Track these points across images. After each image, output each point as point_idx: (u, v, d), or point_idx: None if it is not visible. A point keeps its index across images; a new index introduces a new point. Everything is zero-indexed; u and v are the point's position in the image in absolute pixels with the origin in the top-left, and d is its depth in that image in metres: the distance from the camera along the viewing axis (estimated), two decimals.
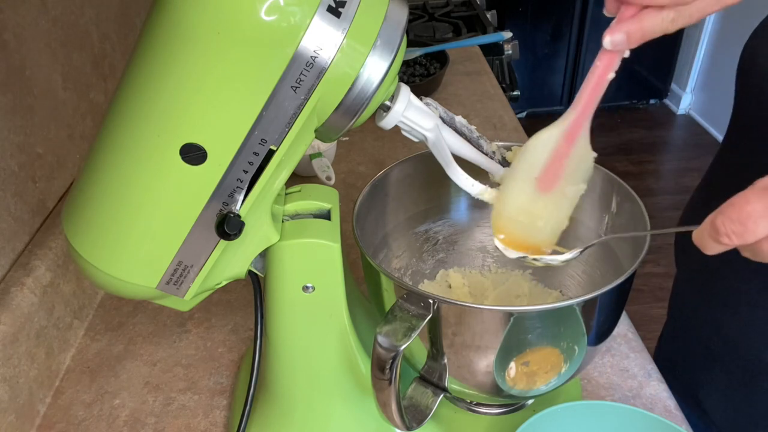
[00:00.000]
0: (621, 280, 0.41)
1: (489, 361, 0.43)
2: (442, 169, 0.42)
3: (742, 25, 2.39)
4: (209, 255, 0.39)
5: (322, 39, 0.32)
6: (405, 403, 0.47)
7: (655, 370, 0.58)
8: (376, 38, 0.33)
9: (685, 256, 0.72)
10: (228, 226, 0.37)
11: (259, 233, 0.40)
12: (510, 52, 1.53)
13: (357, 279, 0.53)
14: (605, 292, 0.40)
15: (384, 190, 0.54)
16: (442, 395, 0.48)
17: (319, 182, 0.84)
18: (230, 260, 0.41)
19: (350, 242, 0.46)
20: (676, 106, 3.01)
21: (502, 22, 2.57)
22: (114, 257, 0.38)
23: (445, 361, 0.44)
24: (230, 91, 0.33)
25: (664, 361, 0.65)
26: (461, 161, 0.43)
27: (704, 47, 2.80)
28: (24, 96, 0.62)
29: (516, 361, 0.43)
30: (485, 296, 0.59)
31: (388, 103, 0.38)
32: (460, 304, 0.40)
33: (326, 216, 0.44)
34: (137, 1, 0.93)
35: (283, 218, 0.43)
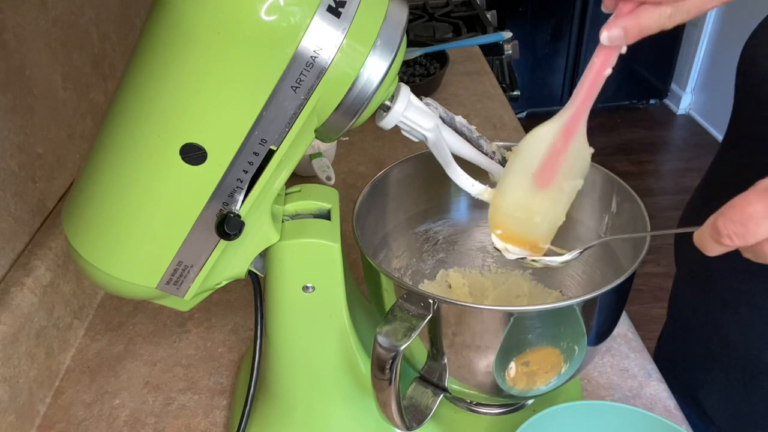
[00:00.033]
0: (621, 280, 0.41)
1: (489, 361, 0.43)
2: (442, 169, 0.42)
3: (742, 25, 2.40)
4: (209, 255, 0.39)
5: (322, 39, 0.32)
6: (405, 403, 0.47)
7: (655, 370, 0.58)
8: (376, 38, 0.33)
9: (685, 256, 0.72)
10: (228, 226, 0.37)
11: (259, 233, 0.40)
12: (510, 52, 1.53)
13: (357, 279, 0.53)
14: (605, 292, 0.40)
15: (384, 190, 0.54)
16: (442, 395, 0.48)
17: (319, 182, 0.84)
18: (230, 260, 0.41)
19: (350, 242, 0.46)
20: (676, 106, 3.01)
21: (502, 22, 2.57)
22: (114, 257, 0.38)
23: (445, 361, 0.44)
24: (230, 91, 0.33)
25: (664, 361, 0.65)
26: (461, 161, 0.43)
27: (704, 47, 2.80)
28: (24, 96, 0.62)
29: (516, 361, 0.43)
30: (485, 296, 0.59)
31: (388, 103, 0.38)
32: (460, 304, 0.40)
33: (326, 216, 0.44)
34: (137, 1, 0.93)
35: (283, 218, 0.43)
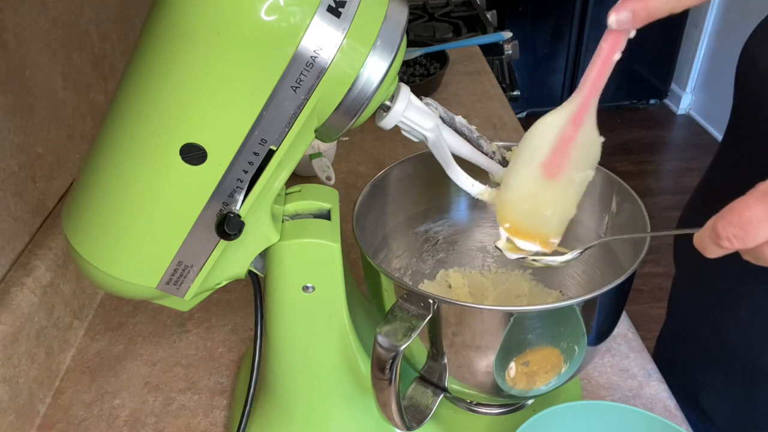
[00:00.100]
0: (621, 280, 0.41)
1: (489, 361, 0.43)
2: (442, 169, 0.42)
3: (742, 25, 2.40)
4: (209, 255, 0.39)
5: (322, 39, 0.32)
6: (405, 403, 0.47)
7: (655, 370, 0.58)
8: (376, 38, 0.33)
9: (684, 256, 0.72)
10: (228, 226, 0.37)
11: (259, 233, 0.40)
12: (510, 52, 1.53)
13: (357, 279, 0.53)
14: (605, 292, 0.40)
15: (384, 190, 0.54)
16: (442, 395, 0.48)
17: (319, 182, 0.84)
18: (230, 260, 0.41)
19: (350, 242, 0.46)
20: (676, 106, 3.01)
21: (502, 22, 2.57)
22: (114, 257, 0.38)
23: (445, 361, 0.44)
24: (230, 91, 0.33)
25: (663, 362, 0.65)
26: (461, 161, 0.43)
27: (704, 47, 2.80)
28: (24, 96, 0.62)
29: (516, 361, 0.43)
30: (485, 296, 0.59)
31: (388, 103, 0.38)
32: (460, 304, 0.40)
33: (326, 216, 0.44)
34: (137, 1, 0.93)
35: (283, 218, 0.43)
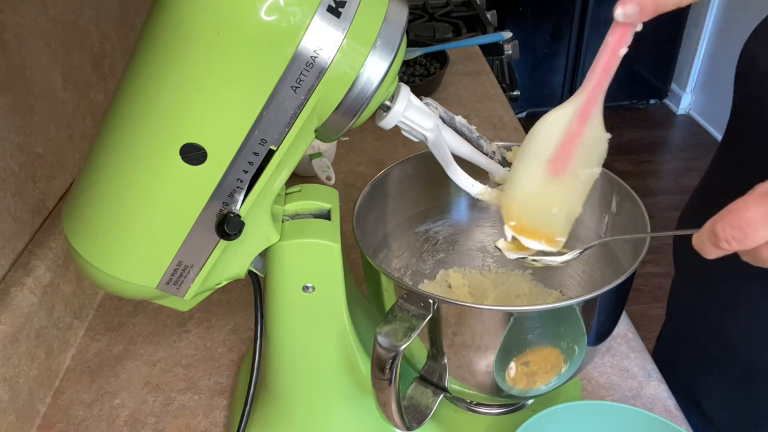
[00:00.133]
0: (621, 280, 0.41)
1: (489, 361, 0.43)
2: (442, 169, 0.42)
3: (742, 25, 2.40)
4: (209, 255, 0.39)
5: (322, 39, 0.32)
6: (405, 403, 0.47)
7: (655, 370, 0.58)
8: (376, 38, 0.33)
9: (684, 257, 0.72)
10: (228, 226, 0.37)
11: (259, 233, 0.40)
12: (510, 52, 1.53)
13: (357, 279, 0.53)
14: (605, 292, 0.40)
15: (384, 190, 0.54)
16: (442, 395, 0.48)
17: (319, 182, 0.84)
18: (230, 260, 0.41)
19: (350, 242, 0.46)
20: (676, 106, 3.01)
21: (502, 22, 2.57)
22: (114, 257, 0.38)
23: (445, 361, 0.44)
24: (230, 91, 0.33)
25: (663, 362, 0.65)
26: (461, 161, 0.43)
27: (704, 47, 2.80)
28: (24, 96, 0.62)
29: (516, 361, 0.43)
30: (485, 296, 0.59)
31: (388, 103, 0.38)
32: (460, 304, 0.40)
33: (326, 216, 0.44)
34: (137, 1, 0.93)
35: (283, 218, 0.43)
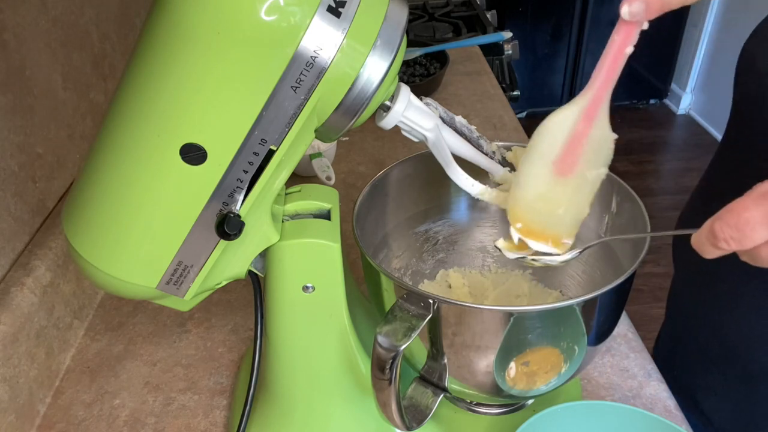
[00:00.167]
0: (621, 280, 0.41)
1: (489, 361, 0.43)
2: (442, 169, 0.42)
3: (742, 25, 2.40)
4: (209, 255, 0.39)
5: (322, 39, 0.32)
6: (405, 403, 0.47)
7: (655, 370, 0.58)
8: (376, 38, 0.33)
9: (684, 257, 0.72)
10: (228, 226, 0.37)
11: (259, 233, 0.40)
12: (510, 52, 1.54)
13: (357, 279, 0.53)
14: (605, 292, 0.40)
15: (384, 190, 0.54)
16: (442, 395, 0.48)
17: (319, 182, 0.84)
18: (230, 260, 0.41)
19: (350, 242, 0.46)
20: (676, 106, 3.01)
21: (502, 22, 2.57)
22: (114, 257, 0.38)
23: (445, 361, 0.44)
24: (230, 91, 0.33)
25: (662, 362, 0.65)
26: (461, 161, 0.43)
27: (704, 47, 2.80)
28: (24, 96, 0.62)
29: (516, 361, 0.43)
30: (485, 296, 0.59)
31: (388, 103, 0.38)
32: (460, 304, 0.40)
33: (326, 216, 0.44)
34: (137, 1, 0.93)
35: (283, 218, 0.43)
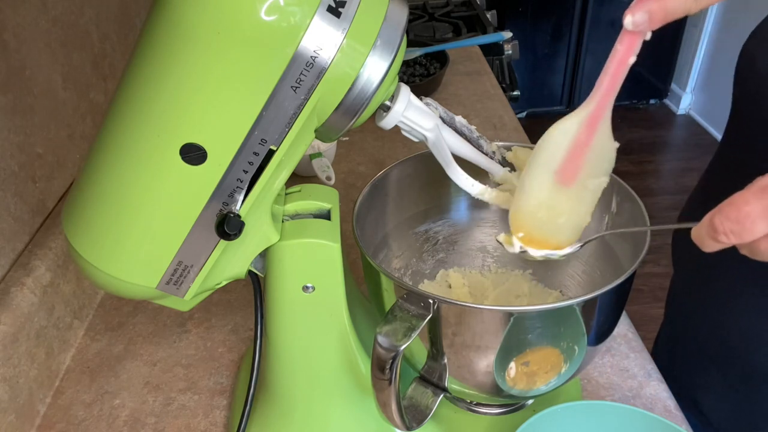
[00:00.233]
0: (621, 280, 0.41)
1: (489, 361, 0.43)
2: (442, 169, 0.42)
3: (742, 25, 2.40)
4: (209, 255, 0.39)
5: (322, 39, 0.32)
6: (405, 403, 0.47)
7: (655, 370, 0.58)
8: (376, 38, 0.33)
9: (683, 257, 0.72)
10: (228, 226, 0.37)
11: (259, 233, 0.40)
12: (510, 52, 1.54)
13: (357, 279, 0.53)
14: (605, 292, 0.40)
15: (384, 190, 0.54)
16: (442, 395, 0.48)
17: (319, 182, 0.84)
18: (230, 260, 0.41)
19: (350, 242, 0.46)
20: (676, 106, 3.01)
21: (502, 22, 2.57)
22: (114, 257, 0.38)
23: (445, 361, 0.44)
24: (230, 91, 0.33)
25: (661, 362, 0.65)
26: (461, 161, 0.43)
27: (704, 47, 2.80)
28: (24, 96, 0.62)
29: (516, 361, 0.43)
30: (485, 296, 0.59)
31: (388, 103, 0.38)
32: (460, 304, 0.40)
33: (326, 216, 0.44)
34: (137, 1, 0.93)
35: (283, 218, 0.43)
